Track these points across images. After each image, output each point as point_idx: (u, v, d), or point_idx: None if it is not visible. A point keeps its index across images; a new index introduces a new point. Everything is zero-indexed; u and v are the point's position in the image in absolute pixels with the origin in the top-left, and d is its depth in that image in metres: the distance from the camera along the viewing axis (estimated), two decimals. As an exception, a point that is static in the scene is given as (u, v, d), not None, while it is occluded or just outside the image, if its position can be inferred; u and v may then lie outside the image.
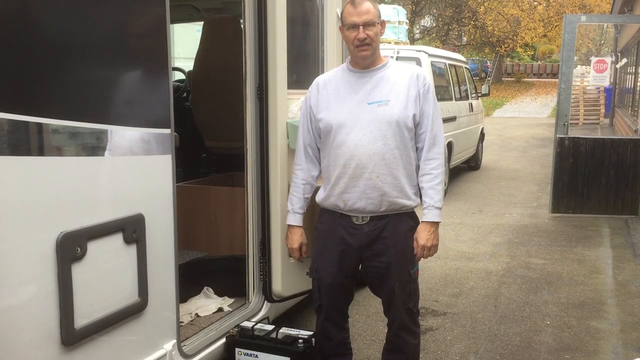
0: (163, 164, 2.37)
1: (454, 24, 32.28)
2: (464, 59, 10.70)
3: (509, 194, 8.83)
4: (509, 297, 4.59)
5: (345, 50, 3.48)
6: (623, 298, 4.60)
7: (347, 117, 2.62)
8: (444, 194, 2.78)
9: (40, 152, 1.85)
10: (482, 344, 3.78)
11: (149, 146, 2.28)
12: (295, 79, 3.35)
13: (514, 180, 10.04)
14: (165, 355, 2.43)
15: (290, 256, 3.21)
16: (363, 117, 2.60)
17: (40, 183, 1.85)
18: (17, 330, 1.82)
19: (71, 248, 1.94)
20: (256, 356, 2.91)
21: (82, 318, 2.00)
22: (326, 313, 2.85)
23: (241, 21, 3.19)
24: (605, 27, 33.91)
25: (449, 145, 8.40)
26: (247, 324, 3.02)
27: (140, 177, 2.27)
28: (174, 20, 4.35)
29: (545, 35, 32.17)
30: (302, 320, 3.96)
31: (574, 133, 7.96)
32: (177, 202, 2.47)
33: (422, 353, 3.36)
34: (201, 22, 4.79)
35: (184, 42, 8.61)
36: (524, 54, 37.13)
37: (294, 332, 2.96)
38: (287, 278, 3.21)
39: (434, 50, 9.14)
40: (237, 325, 3.03)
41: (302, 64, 3.54)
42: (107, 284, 2.12)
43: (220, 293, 3.41)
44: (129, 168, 2.20)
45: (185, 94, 5.11)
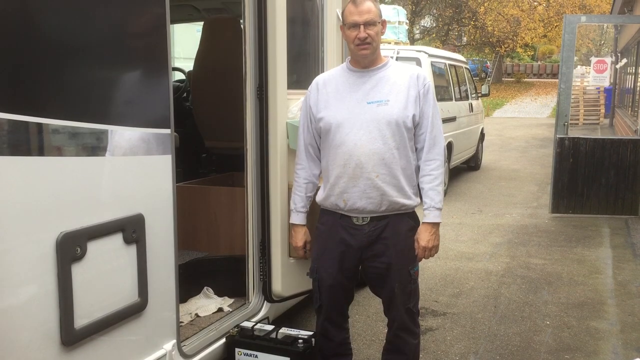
0: (163, 164, 2.37)
1: (454, 24, 32.29)
2: (464, 59, 10.70)
3: (509, 194, 8.82)
4: (509, 297, 4.59)
5: (345, 50, 3.48)
6: (623, 298, 4.60)
7: (347, 116, 2.62)
8: (444, 194, 2.78)
9: (40, 152, 1.85)
10: (482, 344, 3.78)
11: (149, 146, 2.28)
12: (295, 79, 3.35)
13: (514, 180, 10.04)
14: (165, 355, 2.43)
15: (291, 256, 3.21)
16: (362, 116, 2.60)
17: (40, 183, 1.85)
18: (17, 330, 1.82)
19: (71, 248, 1.94)
20: (256, 356, 2.91)
21: (82, 318, 2.00)
22: (326, 313, 2.85)
23: (241, 21, 3.19)
24: (605, 27, 33.94)
25: (449, 146, 8.40)
26: (247, 324, 3.02)
27: (140, 177, 2.27)
28: (174, 20, 4.35)
29: (545, 36, 32.19)
30: (302, 320, 3.95)
31: (574, 133, 7.96)
32: (177, 202, 2.47)
33: (422, 353, 3.36)
34: (201, 22, 4.79)
35: (184, 42, 8.61)
36: (524, 54, 37.15)
37: (293, 332, 2.96)
38: (287, 278, 3.21)
39: (434, 51, 9.14)
40: (237, 326, 3.03)
41: (302, 64, 3.54)
42: (107, 284, 2.12)
43: (220, 293, 3.41)
44: (129, 168, 2.20)
45: (185, 94, 5.11)
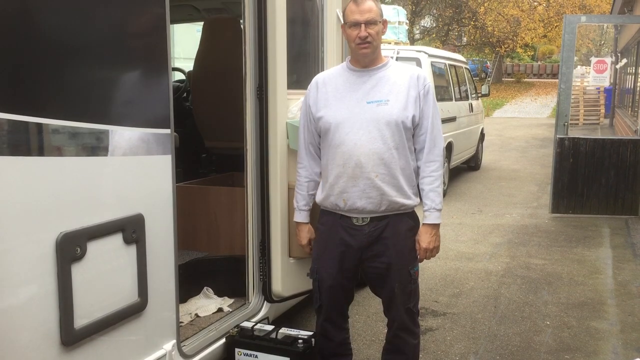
0: (163, 164, 2.37)
1: (454, 25, 32.29)
2: (464, 60, 10.70)
3: (509, 194, 8.82)
4: (509, 298, 4.59)
5: (345, 50, 3.48)
6: (623, 298, 4.60)
7: (346, 116, 2.61)
8: (444, 194, 2.78)
9: (40, 152, 1.85)
10: (482, 345, 3.78)
11: (148, 146, 2.28)
12: (295, 79, 3.35)
13: (514, 180, 10.03)
14: (165, 355, 2.43)
15: (291, 256, 3.21)
16: (362, 116, 2.60)
17: (40, 183, 1.85)
18: (17, 330, 1.82)
19: (71, 248, 1.94)
20: (256, 356, 2.91)
21: (82, 318, 2.00)
22: (326, 314, 2.85)
23: (241, 21, 3.19)
24: (605, 27, 33.94)
25: (449, 146, 8.40)
26: (247, 324, 3.02)
27: (140, 177, 2.27)
28: (174, 20, 4.36)
29: (545, 36, 32.19)
30: (302, 320, 3.95)
31: (574, 133, 7.96)
32: (177, 202, 2.47)
33: (422, 353, 3.36)
34: (201, 22, 4.79)
35: (184, 42, 8.61)
36: (524, 54, 37.17)
37: (293, 332, 2.96)
38: (287, 278, 3.21)
39: (434, 51, 9.14)
40: (237, 326, 3.03)
41: (302, 64, 3.54)
42: (107, 284, 2.12)
43: (220, 293, 3.41)
44: (128, 168, 2.20)
45: (185, 94, 5.11)
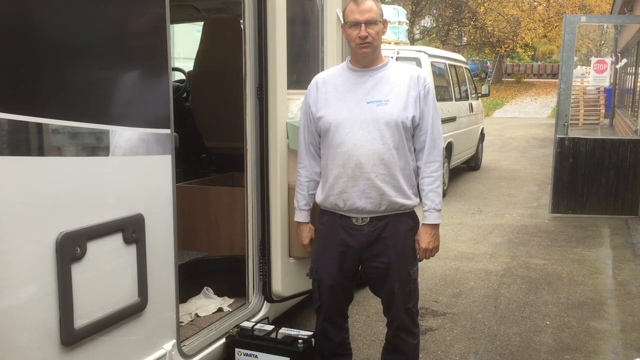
0: (163, 164, 2.37)
1: (454, 25, 32.29)
2: (464, 59, 10.69)
3: (509, 194, 8.82)
4: (509, 298, 4.59)
5: (345, 50, 3.48)
6: (623, 298, 4.60)
7: (346, 116, 2.61)
8: (444, 194, 2.78)
9: (40, 152, 1.85)
10: (482, 344, 3.78)
11: (148, 146, 2.28)
12: (295, 79, 3.35)
13: (514, 180, 10.03)
14: (165, 355, 2.43)
15: (291, 255, 3.21)
16: (362, 116, 2.60)
17: (40, 183, 1.85)
18: (17, 330, 1.82)
19: (71, 248, 1.94)
20: (256, 356, 2.91)
21: (82, 318, 2.00)
22: (326, 313, 2.85)
23: (241, 21, 3.19)
24: (605, 27, 33.94)
25: (449, 146, 8.40)
26: (247, 324, 3.02)
27: (140, 177, 2.27)
28: (174, 20, 4.36)
29: (545, 36, 32.19)
30: (302, 320, 3.95)
31: (574, 133, 7.96)
32: (177, 202, 2.47)
33: (422, 353, 3.36)
34: (201, 22, 4.79)
35: (184, 42, 8.61)
36: (524, 54, 37.16)
37: (293, 332, 2.96)
38: (287, 278, 3.21)
39: (434, 51, 9.14)
40: (237, 326, 3.03)
41: (302, 64, 3.54)
42: (107, 284, 2.12)
43: (220, 293, 3.41)
44: (128, 168, 2.20)
45: (185, 94, 5.11)
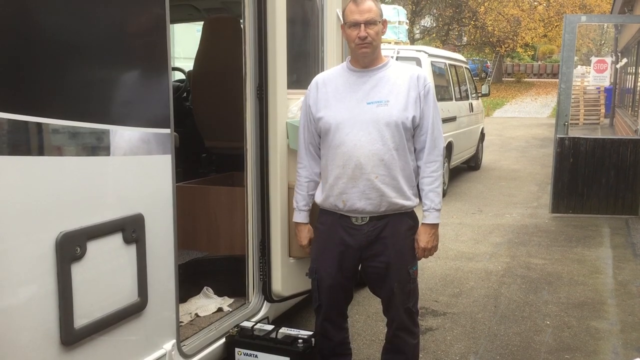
0: (163, 164, 2.37)
1: (454, 24, 32.28)
2: (464, 59, 10.70)
3: (509, 194, 8.82)
4: (509, 297, 4.59)
5: (345, 50, 3.48)
6: (623, 298, 4.60)
7: (346, 116, 2.61)
8: (444, 194, 2.78)
9: (40, 152, 1.85)
10: (482, 344, 3.78)
11: (148, 146, 2.28)
12: (295, 78, 3.35)
13: (514, 180, 10.03)
14: (164, 355, 2.43)
15: (291, 255, 3.21)
16: (362, 117, 2.60)
17: (40, 183, 1.85)
18: (17, 330, 1.82)
19: (71, 248, 1.94)
20: (256, 356, 2.91)
21: (82, 318, 2.00)
22: (325, 313, 2.85)
23: (241, 21, 3.19)
24: (605, 27, 33.90)
25: (449, 146, 8.40)
26: (247, 324, 3.02)
27: (140, 177, 2.27)
28: (174, 20, 4.36)
29: (545, 36, 32.18)
30: (301, 320, 3.95)
31: (574, 133, 7.96)
32: (177, 202, 2.47)
33: (422, 353, 3.36)
34: (201, 22, 4.79)
35: (184, 42, 8.61)
36: (524, 54, 37.13)
37: (293, 332, 2.96)
38: (287, 278, 3.21)
39: (434, 50, 9.14)
40: (237, 325, 3.03)
41: (302, 64, 3.54)
42: (107, 283, 2.12)
43: (220, 293, 3.41)
44: (128, 168, 2.20)
45: (185, 94, 5.11)
